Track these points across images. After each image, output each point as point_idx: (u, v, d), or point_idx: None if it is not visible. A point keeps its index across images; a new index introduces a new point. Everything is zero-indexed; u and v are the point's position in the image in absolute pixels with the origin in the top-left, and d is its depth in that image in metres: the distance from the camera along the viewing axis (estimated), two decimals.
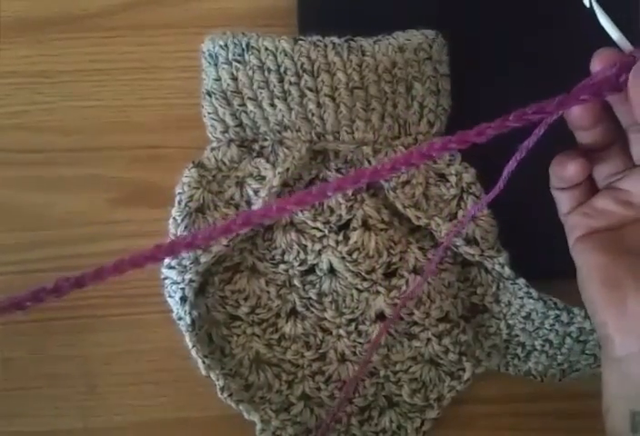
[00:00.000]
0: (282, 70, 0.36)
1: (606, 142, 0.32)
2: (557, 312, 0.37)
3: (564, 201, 0.34)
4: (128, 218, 0.42)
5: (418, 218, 0.37)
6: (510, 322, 0.39)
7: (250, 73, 0.37)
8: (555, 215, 0.35)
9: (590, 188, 0.33)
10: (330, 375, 0.39)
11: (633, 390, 0.29)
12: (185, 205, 0.38)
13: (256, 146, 0.39)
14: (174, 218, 0.38)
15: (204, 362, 0.37)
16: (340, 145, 0.38)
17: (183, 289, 0.37)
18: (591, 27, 0.41)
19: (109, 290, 0.40)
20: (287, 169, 0.37)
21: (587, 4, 0.31)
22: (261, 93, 0.37)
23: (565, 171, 0.32)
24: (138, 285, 0.40)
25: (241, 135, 0.39)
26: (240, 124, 0.38)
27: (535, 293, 0.37)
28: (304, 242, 0.38)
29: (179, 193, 0.38)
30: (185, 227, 0.37)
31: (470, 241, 0.37)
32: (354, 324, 0.39)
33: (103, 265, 0.23)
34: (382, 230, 0.38)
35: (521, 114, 0.26)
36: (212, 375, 0.37)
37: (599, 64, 0.29)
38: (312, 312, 0.39)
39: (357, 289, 0.38)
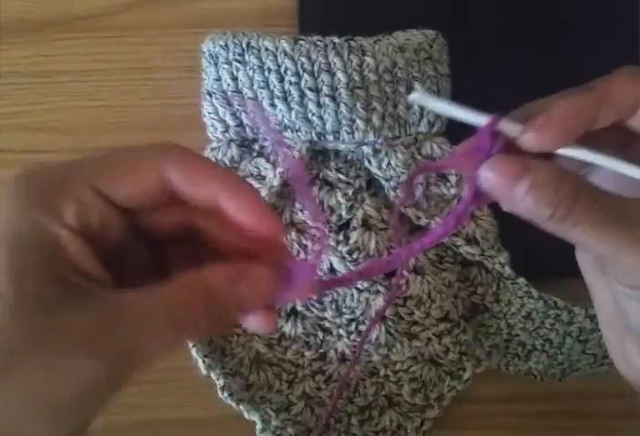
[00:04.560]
0: (282, 70, 0.36)
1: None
2: (558, 311, 0.37)
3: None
4: None
5: (418, 218, 0.38)
6: (510, 321, 0.39)
7: (250, 73, 0.37)
8: None
9: None
10: (330, 375, 0.39)
11: None
12: None
13: (256, 146, 0.39)
14: None
15: (204, 362, 0.37)
16: (340, 145, 0.38)
17: None
18: (591, 27, 0.41)
19: None
20: (287, 169, 0.37)
21: (418, 94, 0.28)
22: (261, 93, 0.37)
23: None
24: None
25: (241, 135, 0.39)
26: (240, 124, 0.38)
27: (535, 293, 0.37)
28: (304, 241, 0.38)
29: None
30: None
31: (470, 240, 0.37)
32: (354, 324, 0.39)
33: None
34: (382, 230, 0.38)
35: (434, 238, 0.26)
36: (212, 375, 0.37)
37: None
38: (312, 312, 0.39)
39: (357, 289, 0.38)
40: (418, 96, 0.27)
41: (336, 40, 0.36)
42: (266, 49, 0.36)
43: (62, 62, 0.44)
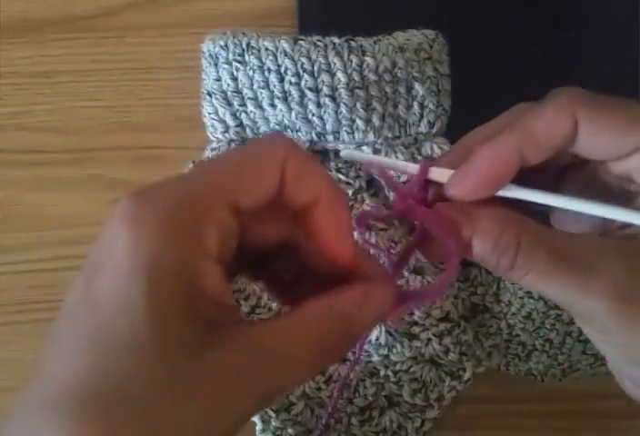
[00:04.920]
0: (282, 70, 0.36)
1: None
2: (558, 311, 0.37)
3: None
4: None
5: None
6: (510, 321, 0.39)
7: (250, 73, 0.37)
8: None
9: None
10: (330, 375, 0.39)
11: None
12: None
13: None
14: None
15: None
16: (340, 145, 0.38)
17: None
18: (591, 27, 0.41)
19: None
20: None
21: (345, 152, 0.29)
22: (261, 93, 0.37)
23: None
24: None
25: (241, 135, 0.39)
26: (240, 124, 0.38)
27: (535, 293, 0.37)
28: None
29: None
30: None
31: None
32: None
33: None
34: (382, 230, 0.38)
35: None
36: None
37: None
38: None
39: None
40: (345, 153, 0.28)
41: (336, 40, 0.36)
42: (266, 49, 0.36)
43: (62, 62, 0.44)
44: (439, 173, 0.26)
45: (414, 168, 0.27)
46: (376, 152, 0.38)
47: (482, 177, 0.24)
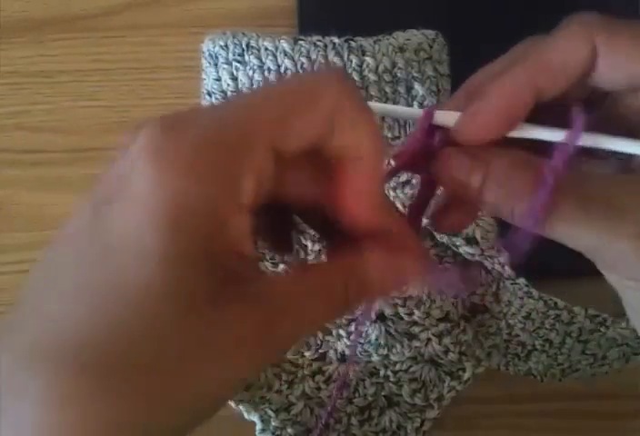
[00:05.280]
0: (282, 70, 0.36)
1: None
2: (558, 311, 0.37)
3: None
4: None
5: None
6: (510, 321, 0.39)
7: (250, 73, 0.37)
8: None
9: None
10: (330, 375, 0.39)
11: None
12: None
13: None
14: None
15: None
16: None
17: None
18: None
19: None
20: None
21: None
22: None
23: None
24: None
25: None
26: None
27: (535, 293, 0.37)
28: (304, 242, 0.38)
29: None
30: None
31: (470, 240, 0.37)
32: (354, 324, 0.39)
33: None
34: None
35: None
36: None
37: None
38: None
39: None
40: None
41: (336, 40, 0.36)
42: (266, 49, 0.36)
43: (62, 62, 0.44)
44: (446, 117, 0.23)
45: (417, 113, 0.23)
46: None
47: (494, 115, 0.22)
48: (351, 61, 0.36)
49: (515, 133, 0.22)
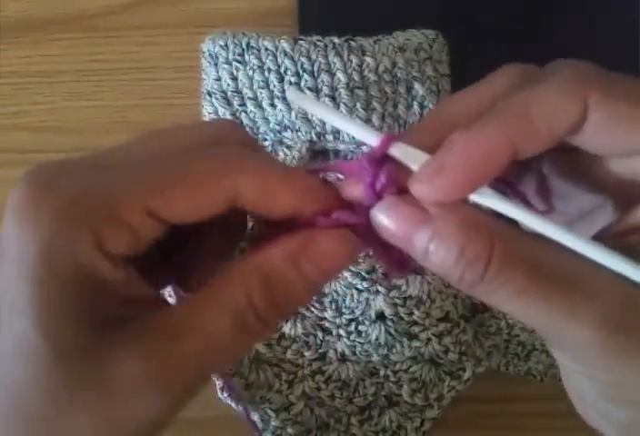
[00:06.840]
0: (282, 70, 0.36)
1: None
2: None
3: None
4: None
5: None
6: (510, 321, 0.39)
7: (250, 73, 0.37)
8: None
9: None
10: (330, 375, 0.39)
11: None
12: None
13: None
14: None
15: None
16: (340, 145, 0.38)
17: None
18: (591, 27, 0.41)
19: None
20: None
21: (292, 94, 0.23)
22: (261, 93, 0.37)
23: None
24: None
25: None
26: (240, 124, 0.38)
27: None
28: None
29: None
30: None
31: None
32: (354, 324, 0.39)
33: None
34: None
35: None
36: (212, 375, 0.37)
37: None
38: (312, 312, 0.39)
39: (357, 289, 0.38)
40: (293, 96, 0.23)
41: (336, 40, 0.36)
42: (266, 49, 0.36)
43: (62, 62, 0.44)
44: (403, 152, 0.20)
45: (373, 138, 0.20)
46: None
47: (461, 176, 0.19)
48: (351, 61, 0.36)
49: (476, 198, 0.20)
